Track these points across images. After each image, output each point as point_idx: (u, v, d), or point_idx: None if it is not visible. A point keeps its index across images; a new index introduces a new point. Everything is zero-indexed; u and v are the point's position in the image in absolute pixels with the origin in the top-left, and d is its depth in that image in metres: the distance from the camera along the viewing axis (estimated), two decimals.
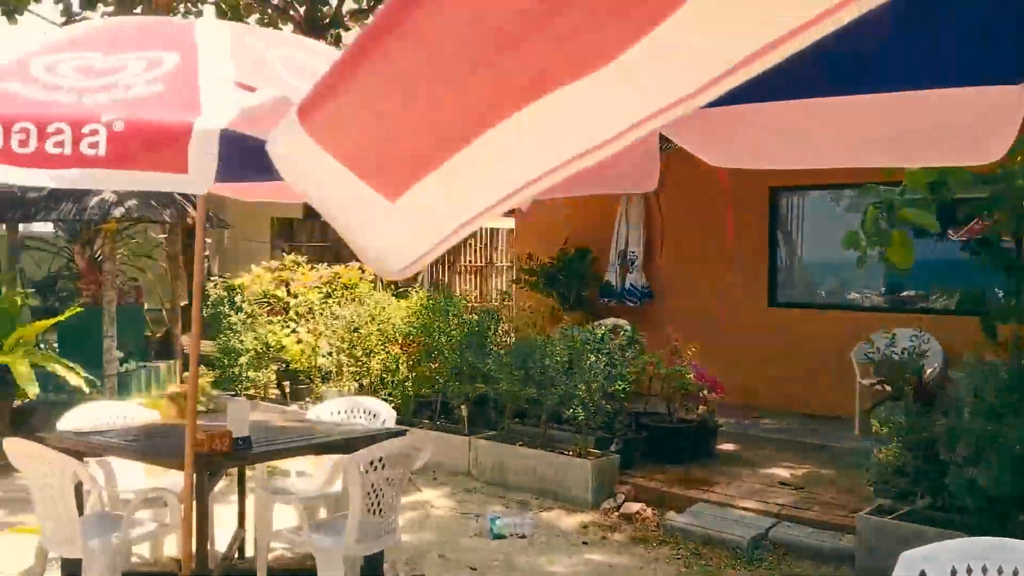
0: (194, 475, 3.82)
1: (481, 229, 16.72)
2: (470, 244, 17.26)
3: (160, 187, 2.55)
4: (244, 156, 2.73)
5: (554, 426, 7.02)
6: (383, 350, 8.17)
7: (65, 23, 15.09)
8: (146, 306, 11.98)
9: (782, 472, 7.11)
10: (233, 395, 9.36)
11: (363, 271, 9.52)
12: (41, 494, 3.79)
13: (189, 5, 13.09)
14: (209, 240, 13.80)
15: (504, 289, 17.11)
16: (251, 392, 9.23)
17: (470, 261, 17.46)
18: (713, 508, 6.20)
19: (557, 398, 6.62)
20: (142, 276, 12.51)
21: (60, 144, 2.53)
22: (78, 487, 4.02)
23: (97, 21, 3.27)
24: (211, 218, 11.19)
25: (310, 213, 15.89)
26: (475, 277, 17.52)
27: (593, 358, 6.56)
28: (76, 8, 15.19)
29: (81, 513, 4.05)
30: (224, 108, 2.60)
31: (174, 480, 4.57)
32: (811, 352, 8.86)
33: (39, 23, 15.64)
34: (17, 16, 15.83)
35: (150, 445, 4.08)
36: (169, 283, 13.28)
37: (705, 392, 7.19)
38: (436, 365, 7.58)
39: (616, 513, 6.29)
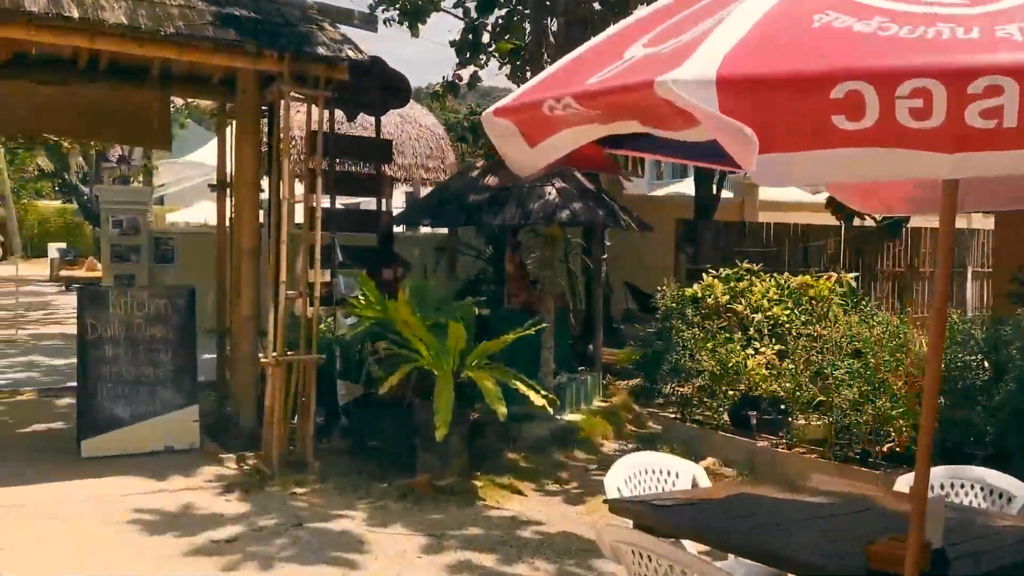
0: None
1: (905, 231, 14.46)
2: (888, 247, 15.05)
3: None
4: None
5: None
6: (881, 384, 6.68)
7: (465, 29, 15.22)
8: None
9: None
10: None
11: (833, 282, 8.07)
12: None
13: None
14: (609, 243, 13.03)
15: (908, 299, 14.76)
16: (703, 419, 8.17)
17: (887, 266, 15.23)
18: None
19: None
20: (551, 280, 12.02)
21: (993, 113, 1.40)
22: None
23: None
24: (636, 221, 10.38)
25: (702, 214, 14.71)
26: (891, 284, 15.26)
27: None
28: (473, 14, 15.28)
29: None
30: None
31: None
32: None
33: (446, 20, 15.89)
34: (419, 25, 16.27)
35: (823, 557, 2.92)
36: (578, 288, 12.78)
37: None
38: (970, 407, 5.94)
39: None
